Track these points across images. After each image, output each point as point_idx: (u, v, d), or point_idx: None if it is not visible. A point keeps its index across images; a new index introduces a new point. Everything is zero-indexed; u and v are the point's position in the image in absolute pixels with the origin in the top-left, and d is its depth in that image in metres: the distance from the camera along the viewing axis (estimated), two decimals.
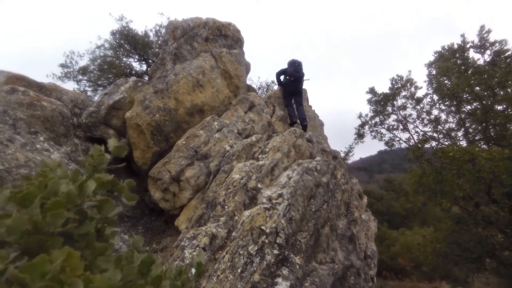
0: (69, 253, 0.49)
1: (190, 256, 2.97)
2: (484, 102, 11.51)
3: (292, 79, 7.29)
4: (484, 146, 11.44)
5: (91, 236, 0.59)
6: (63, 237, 0.56)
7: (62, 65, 11.02)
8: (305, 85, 7.97)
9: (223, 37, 6.62)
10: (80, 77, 11.25)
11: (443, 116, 13.89)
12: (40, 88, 5.77)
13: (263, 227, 3.41)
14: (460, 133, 13.26)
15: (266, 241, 3.29)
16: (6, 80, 5.35)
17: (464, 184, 8.94)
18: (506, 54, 11.58)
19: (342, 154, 15.26)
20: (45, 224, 0.50)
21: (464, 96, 11.95)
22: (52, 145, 4.75)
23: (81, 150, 5.20)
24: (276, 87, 8.66)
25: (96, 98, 8.44)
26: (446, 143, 12.76)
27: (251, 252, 3.12)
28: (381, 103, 14.95)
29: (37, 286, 0.44)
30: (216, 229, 3.32)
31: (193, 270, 0.94)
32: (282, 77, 7.72)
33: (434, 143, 13.08)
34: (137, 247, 0.77)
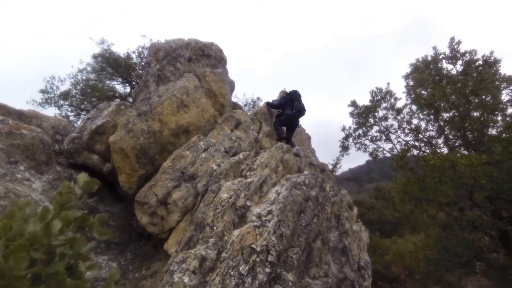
0: None
1: (180, 280, 2.89)
2: (460, 109, 11.97)
3: (297, 114, 7.18)
4: (465, 151, 11.81)
5: (60, 275, 0.58)
6: (31, 278, 0.54)
7: (43, 91, 10.88)
8: None
9: (206, 57, 6.70)
10: (62, 102, 11.11)
11: (423, 125, 14.37)
12: (20, 115, 5.66)
13: (253, 246, 3.37)
14: (440, 141, 13.70)
15: (257, 259, 3.24)
16: None
17: (447, 191, 9.14)
18: (477, 64, 12.19)
19: (330, 167, 15.41)
20: (8, 269, 0.49)
21: (442, 105, 12.42)
22: (33, 174, 4.63)
23: (63, 178, 5.08)
24: (261, 103, 8.67)
25: (78, 123, 8.32)
26: (428, 151, 13.12)
27: (242, 272, 3.06)
28: (363, 115, 15.39)
29: None
30: (205, 251, 3.26)
31: None
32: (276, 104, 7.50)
33: (416, 152, 13.44)
34: (114, 280, 0.75)
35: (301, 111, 7.31)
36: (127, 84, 11.70)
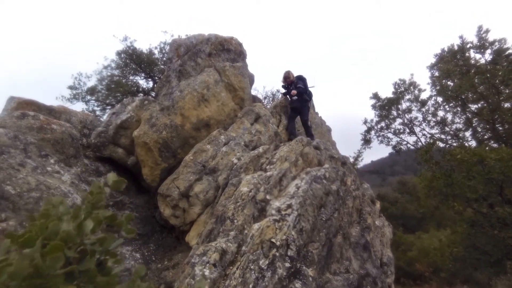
0: None
1: (201, 272, 2.96)
2: (490, 100, 11.39)
3: (309, 97, 7.13)
4: (495, 144, 11.25)
5: (92, 271, 0.61)
6: (65, 275, 0.57)
7: (71, 87, 11.33)
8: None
9: (225, 51, 6.72)
10: (89, 97, 11.53)
11: (449, 117, 13.80)
12: (50, 111, 5.91)
13: (273, 240, 3.39)
14: (468, 133, 13.12)
15: (277, 254, 3.26)
16: (16, 106, 5.51)
17: (476, 186, 8.76)
18: (507, 53, 11.53)
19: (351, 159, 15.16)
20: (46, 267, 0.52)
21: (469, 96, 11.87)
22: (63, 167, 4.84)
23: (91, 170, 5.29)
24: (280, 97, 8.51)
25: (104, 117, 8.61)
26: (455, 144, 12.61)
27: (262, 266, 3.10)
28: (386, 107, 14.95)
29: None
30: (226, 244, 3.32)
31: None
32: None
33: (442, 145, 12.95)
34: (140, 276, 0.79)
35: (311, 96, 7.24)
36: (149, 79, 11.97)
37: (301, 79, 7.19)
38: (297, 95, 6.97)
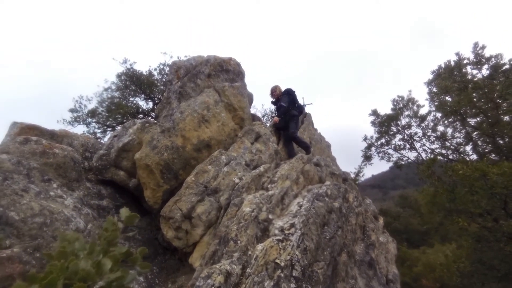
0: None
1: None
2: (489, 114, 11.56)
3: (299, 114, 7.08)
4: (496, 157, 11.31)
5: None
6: None
7: (72, 110, 11.45)
8: (308, 109, 8.06)
9: (224, 72, 6.86)
10: (89, 119, 11.63)
11: (449, 132, 13.96)
12: (52, 135, 5.97)
13: (277, 261, 3.37)
14: (468, 147, 13.22)
15: (282, 275, 3.23)
16: (19, 131, 5.56)
17: (479, 201, 8.74)
18: (504, 68, 11.83)
19: (352, 175, 15.14)
20: None
21: (468, 111, 12.06)
22: (65, 191, 4.85)
23: (93, 194, 5.29)
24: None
25: (106, 140, 8.67)
26: (456, 158, 12.67)
27: None
28: (385, 124, 15.13)
29: None
30: (230, 266, 3.29)
31: None
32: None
33: (443, 159, 13.03)
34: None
35: (302, 110, 7.14)
36: (149, 100, 12.12)
37: (288, 93, 7.00)
38: (279, 114, 6.90)
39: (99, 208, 5.17)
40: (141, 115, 11.55)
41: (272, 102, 7.57)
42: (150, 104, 12.22)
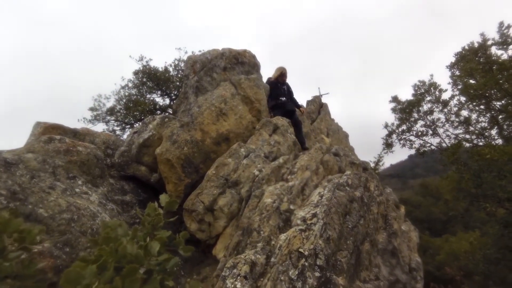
0: None
1: (232, 285, 2.97)
2: None
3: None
4: None
5: None
6: None
7: (92, 109, 11.75)
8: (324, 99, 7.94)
9: (240, 64, 6.84)
10: (108, 117, 11.90)
11: (473, 116, 13.44)
12: (74, 134, 6.14)
13: (301, 250, 3.37)
14: (494, 131, 12.71)
15: (306, 264, 3.24)
16: (43, 131, 5.74)
17: (507, 185, 8.43)
18: None
19: (372, 164, 14.92)
20: None
21: (493, 93, 11.56)
22: (90, 187, 5.00)
23: (116, 189, 5.43)
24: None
25: (126, 137, 8.86)
26: (481, 143, 12.22)
27: (292, 277, 3.08)
28: (406, 110, 14.73)
29: None
30: (254, 256, 3.32)
31: None
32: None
33: (467, 145, 12.59)
34: None
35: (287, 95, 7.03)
36: (166, 96, 12.27)
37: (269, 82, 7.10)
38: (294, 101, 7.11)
39: (122, 203, 5.31)
40: (159, 112, 11.72)
41: (279, 84, 7.24)
42: (167, 100, 12.39)
